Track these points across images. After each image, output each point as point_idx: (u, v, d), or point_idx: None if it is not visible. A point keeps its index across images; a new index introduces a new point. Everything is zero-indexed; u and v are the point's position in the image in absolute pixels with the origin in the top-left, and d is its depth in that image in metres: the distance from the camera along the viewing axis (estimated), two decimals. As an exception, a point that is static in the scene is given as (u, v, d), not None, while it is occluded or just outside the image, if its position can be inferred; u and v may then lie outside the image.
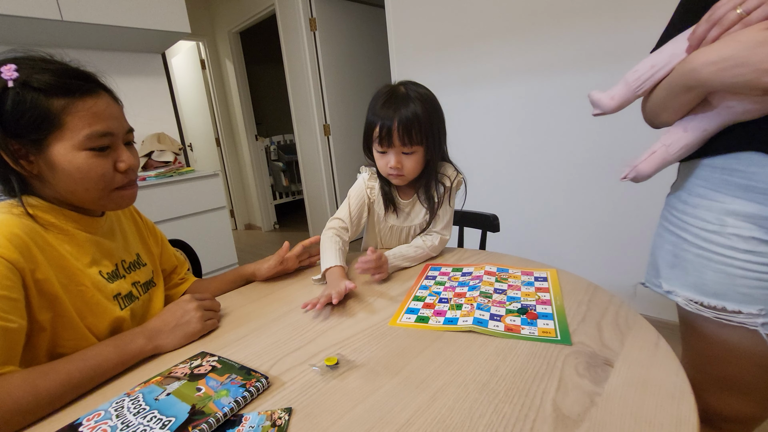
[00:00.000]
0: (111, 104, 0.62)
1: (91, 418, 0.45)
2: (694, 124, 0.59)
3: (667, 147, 0.62)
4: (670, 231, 0.66)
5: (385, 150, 0.88)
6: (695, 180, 0.62)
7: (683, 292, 0.63)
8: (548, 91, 1.82)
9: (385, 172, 0.92)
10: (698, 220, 0.61)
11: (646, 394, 0.44)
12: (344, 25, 3.14)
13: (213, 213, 2.12)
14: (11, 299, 0.51)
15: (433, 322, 0.65)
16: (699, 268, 0.61)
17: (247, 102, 3.92)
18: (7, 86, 0.54)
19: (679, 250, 0.64)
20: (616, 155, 1.68)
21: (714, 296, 0.59)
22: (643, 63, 0.62)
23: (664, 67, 0.59)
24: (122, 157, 0.63)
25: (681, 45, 0.57)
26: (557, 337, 0.57)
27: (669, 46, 0.59)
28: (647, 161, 0.64)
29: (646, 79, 0.61)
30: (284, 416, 0.45)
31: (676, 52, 0.57)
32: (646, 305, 1.74)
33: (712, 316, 0.60)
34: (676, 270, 0.64)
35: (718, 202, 0.58)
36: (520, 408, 0.44)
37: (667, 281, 0.66)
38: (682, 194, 0.65)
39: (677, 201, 0.66)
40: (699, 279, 0.61)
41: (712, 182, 0.59)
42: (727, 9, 0.49)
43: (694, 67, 0.53)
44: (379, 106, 0.87)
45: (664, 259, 0.67)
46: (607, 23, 1.59)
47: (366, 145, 0.95)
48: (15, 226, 0.54)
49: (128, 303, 0.68)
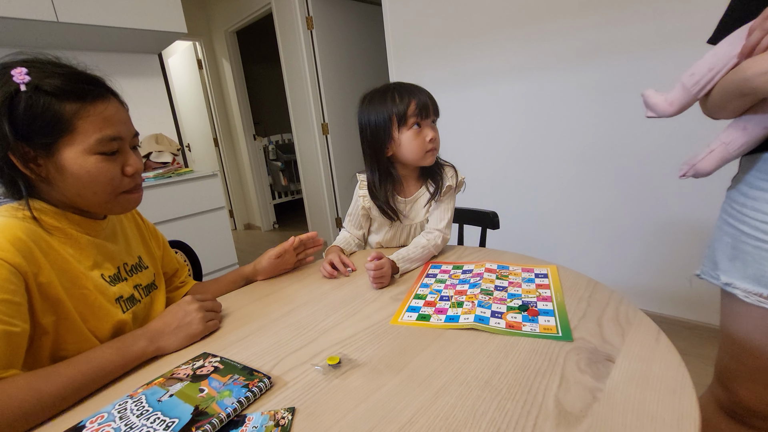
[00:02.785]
0: (120, 109, 0.63)
1: (95, 420, 0.45)
2: (753, 124, 0.58)
3: (726, 145, 0.62)
4: (730, 224, 0.66)
5: (421, 125, 0.91)
6: (756, 173, 0.62)
7: (742, 284, 0.63)
8: (547, 87, 1.82)
9: (422, 150, 0.92)
10: (758, 213, 0.61)
11: (647, 389, 0.45)
12: (341, 24, 3.13)
13: (212, 213, 2.12)
14: (14, 303, 0.51)
15: (435, 320, 0.65)
16: (758, 260, 0.61)
17: (245, 102, 3.91)
18: (19, 89, 0.54)
19: (738, 243, 0.64)
20: (616, 151, 1.68)
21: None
22: (701, 66, 0.60)
23: (723, 69, 0.58)
24: (130, 161, 0.64)
25: (738, 47, 0.55)
26: (558, 334, 0.57)
27: (725, 46, 0.58)
28: (706, 159, 0.64)
29: (706, 83, 0.60)
30: (287, 416, 0.45)
31: (732, 54, 0.56)
32: (646, 300, 1.74)
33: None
34: (736, 262, 0.64)
35: None
36: (523, 404, 0.44)
37: (726, 273, 0.66)
38: (743, 187, 0.65)
39: (738, 194, 0.66)
40: (758, 271, 0.61)
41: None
42: None
43: (747, 77, 0.53)
44: (395, 95, 0.91)
45: (722, 252, 0.67)
46: (605, 18, 1.59)
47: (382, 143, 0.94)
48: (18, 230, 0.54)
49: (130, 306, 0.68)
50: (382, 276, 0.80)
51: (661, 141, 1.53)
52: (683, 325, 1.65)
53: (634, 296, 1.77)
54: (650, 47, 1.48)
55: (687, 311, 1.67)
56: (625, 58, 1.56)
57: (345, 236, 1.08)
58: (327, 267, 0.89)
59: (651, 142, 1.56)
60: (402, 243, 1.04)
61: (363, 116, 0.96)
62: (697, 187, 1.43)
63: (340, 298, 0.77)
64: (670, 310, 1.71)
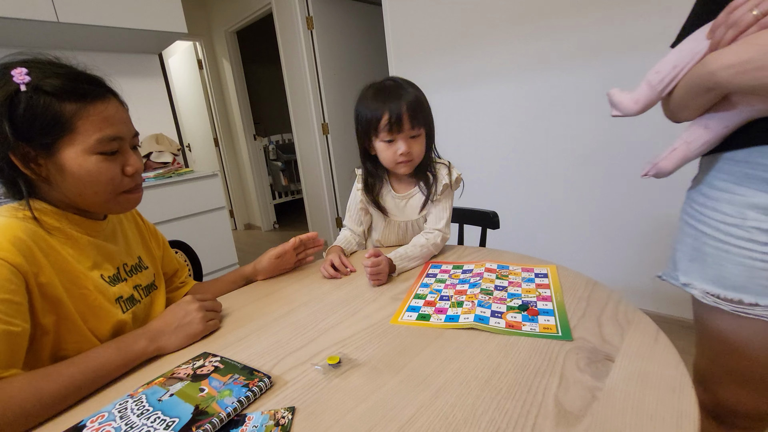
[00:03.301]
0: (120, 109, 0.63)
1: (95, 420, 0.46)
2: (715, 122, 0.59)
3: (688, 144, 0.62)
4: (690, 225, 0.66)
5: (393, 138, 0.89)
6: (717, 174, 0.62)
7: (701, 284, 0.63)
8: (547, 86, 1.82)
9: (393, 162, 0.92)
10: (719, 213, 0.61)
11: (646, 388, 0.45)
12: (341, 24, 3.13)
13: (212, 213, 2.12)
14: (15, 303, 0.51)
15: (435, 320, 0.65)
16: (718, 261, 0.61)
17: (245, 102, 3.91)
18: (19, 90, 0.54)
19: (699, 244, 0.64)
20: (615, 151, 1.68)
21: (732, 289, 0.59)
22: (665, 63, 0.61)
23: (686, 66, 0.58)
24: (130, 161, 0.64)
25: (701, 43, 0.56)
26: (558, 333, 0.57)
27: (689, 43, 0.58)
28: (668, 158, 0.64)
29: (670, 80, 0.60)
30: (287, 415, 0.45)
31: (697, 50, 0.56)
32: (645, 300, 1.74)
33: (730, 309, 0.60)
34: (696, 263, 0.65)
35: (740, 195, 0.58)
36: (522, 404, 0.44)
37: (685, 274, 0.66)
38: (703, 188, 0.65)
39: (698, 195, 0.66)
40: (718, 272, 0.61)
41: (733, 176, 0.59)
42: (743, 11, 0.49)
43: (712, 71, 0.53)
44: (376, 99, 0.89)
45: (683, 253, 0.67)
46: (604, 17, 1.59)
47: (364, 143, 0.95)
48: (19, 230, 0.54)
49: (130, 306, 0.68)
50: (379, 273, 0.81)
51: (659, 140, 1.52)
52: (682, 324, 1.65)
53: (633, 296, 1.77)
54: (649, 46, 1.47)
55: (686, 311, 1.66)
56: (624, 57, 1.56)
57: (345, 235, 1.07)
58: (328, 268, 0.89)
59: (650, 141, 1.55)
60: (399, 241, 1.04)
61: (357, 108, 0.95)
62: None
63: (340, 297, 0.77)
64: (669, 310, 1.71)
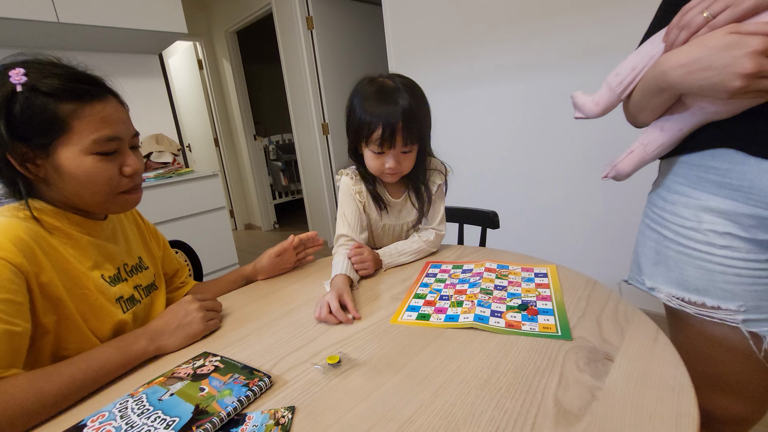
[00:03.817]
0: (118, 109, 0.63)
1: (96, 419, 0.46)
2: (670, 124, 0.60)
3: (644, 146, 0.63)
4: (652, 228, 0.67)
5: (383, 151, 0.83)
6: (674, 177, 0.63)
7: (666, 288, 0.64)
8: (547, 87, 1.82)
9: (379, 172, 0.88)
10: (677, 217, 0.61)
11: (646, 388, 0.45)
12: (341, 24, 3.13)
13: (213, 213, 2.12)
14: (16, 303, 0.51)
15: (434, 320, 0.65)
16: (680, 264, 0.61)
17: (245, 102, 3.91)
18: (15, 90, 0.54)
19: (660, 247, 0.65)
20: (615, 151, 1.67)
21: (695, 292, 0.60)
22: (624, 65, 0.62)
23: (644, 68, 0.59)
24: (128, 161, 0.64)
25: (658, 45, 0.57)
26: (558, 333, 0.57)
27: (647, 46, 0.60)
28: (626, 160, 0.65)
29: (629, 82, 0.61)
30: (287, 415, 0.46)
31: (654, 53, 0.58)
32: (645, 299, 1.74)
33: (694, 312, 0.60)
34: (659, 267, 0.65)
35: (695, 198, 0.59)
36: (522, 403, 0.44)
37: (650, 278, 0.67)
38: (662, 191, 0.65)
39: (657, 198, 0.67)
40: (681, 275, 0.61)
41: (689, 179, 0.60)
42: (694, 13, 0.50)
43: (664, 70, 0.54)
44: (373, 103, 0.81)
45: (646, 256, 0.68)
46: (604, 17, 1.59)
47: (355, 146, 0.89)
48: (20, 230, 0.55)
49: (130, 306, 0.68)
50: (363, 261, 0.84)
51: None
52: (683, 324, 1.65)
53: (633, 295, 1.76)
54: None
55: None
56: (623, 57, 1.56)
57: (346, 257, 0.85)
58: (324, 309, 0.67)
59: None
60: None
61: (352, 101, 0.86)
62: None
63: (340, 297, 0.77)
64: (670, 310, 1.71)
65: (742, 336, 0.57)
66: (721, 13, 0.47)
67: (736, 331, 0.58)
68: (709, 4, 0.48)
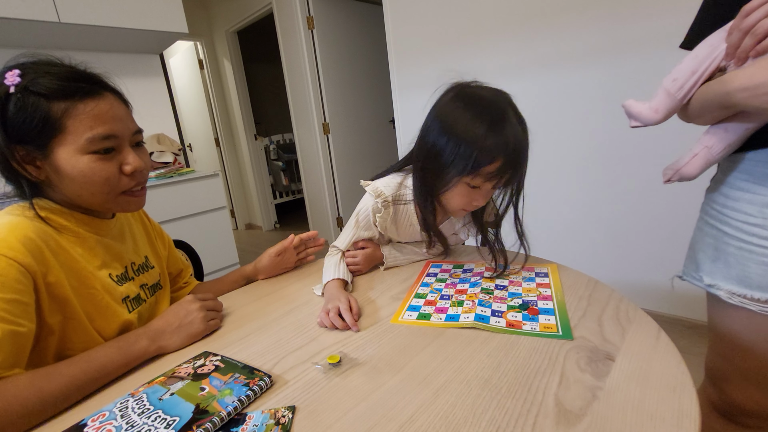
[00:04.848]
0: (115, 105, 0.61)
1: (96, 419, 0.46)
2: (734, 125, 0.58)
3: (709, 149, 0.62)
4: (711, 225, 0.66)
5: (480, 186, 0.71)
6: (738, 174, 0.62)
7: (726, 285, 0.63)
8: (549, 86, 1.82)
9: (458, 207, 0.75)
10: (740, 213, 0.61)
11: (647, 388, 0.45)
12: (342, 23, 3.13)
13: (213, 213, 2.12)
14: (22, 303, 0.51)
15: (435, 319, 0.65)
16: (741, 261, 0.61)
17: (246, 101, 3.92)
18: (9, 92, 0.53)
19: (720, 244, 0.64)
20: (617, 150, 1.67)
21: (758, 288, 0.59)
22: (682, 70, 0.60)
23: (705, 71, 0.58)
24: (128, 159, 0.62)
25: (718, 48, 0.56)
26: (558, 333, 0.57)
27: (705, 48, 0.58)
28: (691, 163, 0.64)
29: (691, 86, 0.60)
30: (288, 414, 0.46)
31: (714, 55, 0.56)
32: (646, 299, 1.74)
33: (757, 309, 0.60)
34: (718, 263, 0.64)
35: (761, 195, 0.58)
36: (523, 403, 0.44)
37: (709, 275, 0.66)
38: (724, 188, 0.64)
39: (718, 195, 0.65)
40: (742, 272, 0.61)
41: (755, 176, 0.59)
42: (760, 15, 0.48)
43: (729, 91, 0.53)
44: (491, 132, 0.66)
45: (705, 253, 0.67)
46: (610, 16, 1.58)
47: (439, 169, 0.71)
48: (29, 229, 0.54)
49: (136, 306, 0.68)
50: (356, 264, 0.85)
51: (661, 140, 1.52)
52: (683, 323, 1.65)
53: (635, 295, 1.76)
54: (655, 46, 1.47)
55: (687, 310, 1.67)
56: (629, 57, 1.56)
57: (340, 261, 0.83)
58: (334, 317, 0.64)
59: (652, 140, 1.55)
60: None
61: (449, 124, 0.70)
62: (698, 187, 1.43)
63: (341, 297, 0.77)
64: (670, 309, 1.71)
65: None
66: None
67: None
68: None
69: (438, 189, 0.74)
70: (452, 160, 0.69)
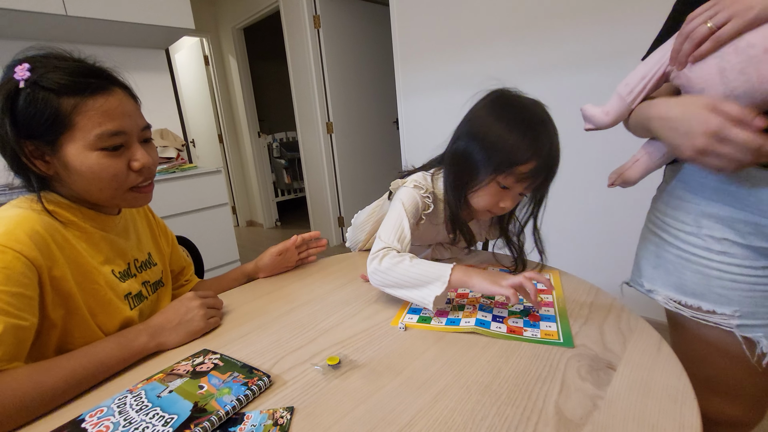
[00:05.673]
0: (124, 101, 0.60)
1: (94, 414, 0.46)
2: None
3: (649, 154, 0.64)
4: (653, 232, 0.69)
5: (511, 187, 0.71)
6: (677, 183, 0.64)
7: (664, 291, 0.65)
8: (553, 92, 1.81)
9: (485, 207, 0.75)
10: (678, 222, 0.63)
11: (648, 398, 0.44)
12: (348, 23, 3.13)
13: (215, 209, 2.12)
14: (26, 297, 0.51)
15: (436, 323, 0.64)
16: (679, 268, 0.63)
17: (250, 99, 3.92)
18: (18, 86, 0.53)
19: (661, 251, 0.66)
20: (621, 157, 1.67)
21: (692, 296, 0.61)
22: (633, 75, 0.63)
23: (654, 76, 0.60)
24: (136, 156, 0.61)
25: (666, 55, 0.58)
26: (560, 340, 0.57)
27: (655, 55, 0.60)
28: (633, 168, 0.66)
29: (639, 91, 0.62)
30: (286, 415, 0.45)
31: (662, 61, 0.58)
32: (648, 307, 1.73)
33: (690, 315, 0.62)
34: (659, 270, 0.66)
35: (695, 204, 0.60)
36: (523, 410, 0.44)
37: (649, 281, 0.68)
38: (665, 196, 0.67)
39: (660, 203, 0.68)
40: (679, 279, 0.63)
41: (691, 185, 0.61)
42: (698, 22, 0.50)
43: (649, 117, 0.57)
44: (527, 135, 0.67)
45: (647, 260, 0.70)
46: (613, 21, 1.58)
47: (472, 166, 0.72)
48: (36, 223, 0.54)
49: (137, 303, 0.68)
50: None
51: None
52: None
53: (636, 303, 1.76)
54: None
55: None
56: (635, 63, 1.56)
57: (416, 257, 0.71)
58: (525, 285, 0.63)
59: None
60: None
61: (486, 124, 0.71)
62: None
63: (341, 298, 0.77)
64: (671, 318, 1.70)
65: (736, 340, 0.59)
66: (725, 24, 0.47)
67: (730, 336, 0.59)
68: (714, 13, 0.48)
69: (470, 186, 0.74)
70: (489, 157, 0.70)
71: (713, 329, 0.60)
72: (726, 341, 0.60)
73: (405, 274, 0.67)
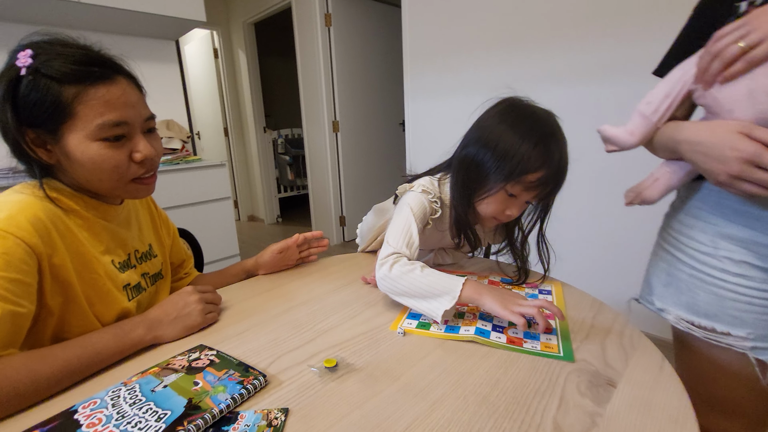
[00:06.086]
0: (128, 91, 0.59)
1: (87, 406, 0.45)
2: None
3: (672, 173, 0.63)
4: (666, 250, 0.68)
5: (518, 196, 0.71)
6: (693, 201, 0.63)
7: (675, 310, 0.64)
8: (559, 101, 1.80)
9: (491, 215, 0.74)
10: (693, 241, 0.62)
11: (648, 417, 0.44)
12: (359, 23, 3.13)
13: (217, 203, 2.12)
14: (25, 283, 0.51)
15: (435, 330, 0.64)
16: (692, 288, 0.62)
17: (258, 94, 3.92)
18: (20, 74, 0.53)
19: (673, 269, 0.65)
20: (626, 168, 1.66)
21: (705, 317, 0.60)
22: (656, 94, 0.61)
23: (678, 94, 0.59)
24: (138, 147, 0.60)
25: (689, 72, 0.57)
26: (560, 354, 0.56)
27: (677, 72, 0.59)
28: (652, 188, 0.65)
29: (664, 110, 0.61)
30: (280, 416, 0.45)
31: (685, 79, 0.57)
32: (651, 323, 1.72)
33: (702, 336, 0.61)
34: (670, 288, 0.66)
35: (713, 224, 0.59)
36: (520, 424, 0.43)
37: (660, 299, 0.67)
38: (680, 215, 0.66)
39: (675, 221, 0.67)
40: (691, 299, 0.62)
41: (709, 204, 0.60)
42: (728, 41, 0.49)
43: (677, 140, 0.57)
44: (539, 144, 0.67)
45: (658, 278, 0.69)
46: (624, 33, 1.57)
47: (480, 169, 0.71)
48: (39, 209, 0.54)
49: (136, 294, 0.68)
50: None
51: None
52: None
53: (639, 318, 1.74)
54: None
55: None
56: (643, 75, 1.55)
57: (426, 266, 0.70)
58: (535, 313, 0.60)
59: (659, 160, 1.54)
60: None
61: (497, 129, 0.71)
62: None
63: (341, 299, 0.76)
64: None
65: (748, 362, 0.58)
66: (759, 46, 0.46)
67: (742, 358, 0.58)
68: (746, 33, 0.47)
69: (478, 193, 0.74)
70: (499, 164, 0.69)
71: (724, 350, 0.60)
72: (737, 363, 0.59)
73: (415, 284, 0.66)
